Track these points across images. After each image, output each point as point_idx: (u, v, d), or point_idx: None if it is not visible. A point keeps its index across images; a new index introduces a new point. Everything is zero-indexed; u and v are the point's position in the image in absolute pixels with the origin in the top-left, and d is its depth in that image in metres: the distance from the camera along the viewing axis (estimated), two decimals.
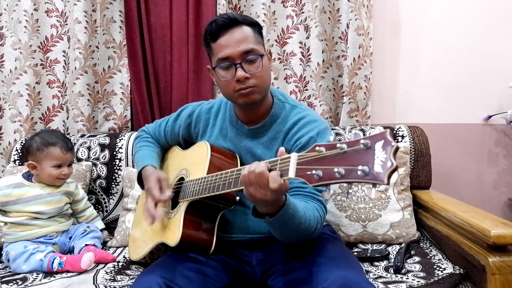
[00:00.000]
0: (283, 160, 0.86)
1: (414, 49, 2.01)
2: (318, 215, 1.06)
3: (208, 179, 1.10)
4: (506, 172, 2.03)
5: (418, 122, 1.90)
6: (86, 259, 1.35)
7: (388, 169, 0.66)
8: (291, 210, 0.96)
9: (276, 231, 1.03)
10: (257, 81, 1.12)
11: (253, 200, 0.92)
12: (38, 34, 1.98)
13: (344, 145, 0.73)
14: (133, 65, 1.97)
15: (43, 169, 1.47)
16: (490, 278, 1.12)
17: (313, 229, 1.05)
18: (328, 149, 0.76)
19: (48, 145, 1.47)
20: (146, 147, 1.41)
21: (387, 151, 0.67)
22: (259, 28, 1.17)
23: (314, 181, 0.76)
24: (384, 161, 0.67)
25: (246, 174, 0.89)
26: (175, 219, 1.17)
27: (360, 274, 1.02)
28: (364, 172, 0.68)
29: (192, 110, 1.35)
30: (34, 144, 1.48)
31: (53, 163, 1.47)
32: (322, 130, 1.17)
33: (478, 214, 1.32)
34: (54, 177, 1.49)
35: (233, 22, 1.11)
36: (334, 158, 0.74)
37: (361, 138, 0.71)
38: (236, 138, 1.24)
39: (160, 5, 1.98)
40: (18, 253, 1.38)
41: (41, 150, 1.46)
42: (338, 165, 0.73)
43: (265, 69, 1.13)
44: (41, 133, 1.54)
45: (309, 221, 1.02)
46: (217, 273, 1.15)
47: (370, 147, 0.70)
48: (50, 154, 1.47)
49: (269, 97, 1.21)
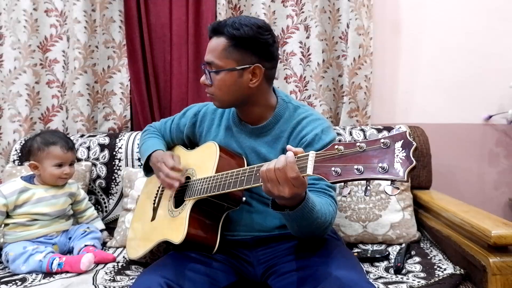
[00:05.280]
0: (300, 158, 0.88)
1: (414, 48, 2.01)
2: (332, 210, 1.09)
3: (218, 177, 1.11)
4: (506, 172, 2.03)
5: (418, 122, 1.89)
6: (86, 260, 1.34)
7: (408, 167, 0.70)
8: (310, 204, 0.97)
9: (293, 225, 1.04)
10: (213, 91, 1.18)
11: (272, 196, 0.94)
12: (37, 33, 1.97)
13: (363, 144, 0.77)
14: (133, 65, 1.97)
15: (44, 168, 1.47)
16: (490, 279, 1.12)
17: (328, 224, 1.07)
18: (347, 147, 0.79)
19: (48, 145, 1.47)
20: (154, 138, 1.44)
21: (406, 150, 0.72)
22: (242, 42, 1.12)
23: (333, 178, 0.79)
24: (403, 159, 0.71)
25: (264, 170, 0.91)
26: (180, 217, 1.18)
27: (360, 274, 1.02)
28: (384, 169, 0.72)
29: (198, 110, 1.38)
30: (35, 144, 1.48)
31: (54, 162, 1.47)
32: (326, 127, 1.19)
33: (479, 214, 1.32)
34: (56, 176, 1.49)
35: (215, 31, 1.16)
36: (353, 156, 0.78)
37: (381, 138, 0.75)
38: (241, 138, 1.26)
39: (160, 4, 1.97)
40: (17, 254, 1.37)
41: (42, 150, 1.47)
42: (358, 163, 0.76)
43: (220, 83, 1.15)
44: (42, 133, 1.55)
45: (325, 216, 1.04)
46: (219, 273, 1.15)
47: (390, 146, 0.73)
48: (51, 153, 1.47)
49: (265, 101, 1.22)
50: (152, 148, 1.35)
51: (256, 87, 1.16)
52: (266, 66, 1.16)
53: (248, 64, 1.14)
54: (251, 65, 1.14)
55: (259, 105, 1.21)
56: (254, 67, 1.14)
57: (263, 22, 1.17)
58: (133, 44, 1.96)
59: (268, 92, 1.23)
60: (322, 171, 0.82)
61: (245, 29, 1.11)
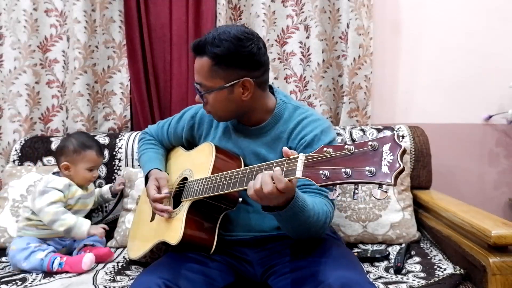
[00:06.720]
0: (290, 161, 0.87)
1: (414, 49, 2.01)
2: (327, 209, 1.08)
3: (213, 178, 1.11)
4: (506, 172, 2.03)
5: (418, 122, 1.89)
6: (87, 260, 1.35)
7: (395, 171, 0.68)
8: (300, 203, 0.97)
9: (287, 225, 1.04)
10: (210, 109, 1.19)
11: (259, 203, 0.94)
12: (37, 33, 1.97)
13: (351, 147, 0.75)
14: (133, 65, 1.97)
15: (77, 171, 1.48)
16: (490, 279, 1.12)
17: (322, 223, 1.06)
18: (336, 150, 0.78)
19: (85, 148, 1.49)
20: (150, 150, 1.44)
21: (394, 153, 0.70)
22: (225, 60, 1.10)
23: (321, 181, 0.78)
24: (391, 162, 0.69)
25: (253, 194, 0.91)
26: (177, 218, 1.18)
27: (360, 274, 1.02)
28: (371, 172, 0.71)
29: (196, 112, 1.36)
30: (70, 146, 1.48)
31: (88, 165, 1.49)
32: (326, 128, 1.18)
33: (479, 214, 1.32)
34: (88, 179, 1.52)
35: (196, 50, 1.14)
36: (342, 159, 0.76)
37: (369, 140, 0.73)
38: (240, 139, 1.25)
39: (160, 4, 1.97)
40: (18, 249, 1.38)
41: (78, 152, 1.48)
42: (346, 166, 0.75)
43: (214, 102, 1.15)
44: (76, 135, 1.56)
45: (318, 215, 1.03)
46: (218, 273, 1.15)
47: (378, 149, 0.72)
48: (87, 157, 1.49)
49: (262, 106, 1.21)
50: (147, 167, 1.35)
51: (249, 98, 1.15)
52: (255, 75, 1.14)
53: (236, 79, 1.12)
54: (240, 80, 1.12)
55: (257, 111, 1.21)
56: (243, 81, 1.12)
57: (243, 31, 1.12)
58: (133, 44, 1.96)
59: (264, 96, 1.21)
60: (311, 174, 0.81)
61: (226, 45, 1.09)
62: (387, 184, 0.69)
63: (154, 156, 1.40)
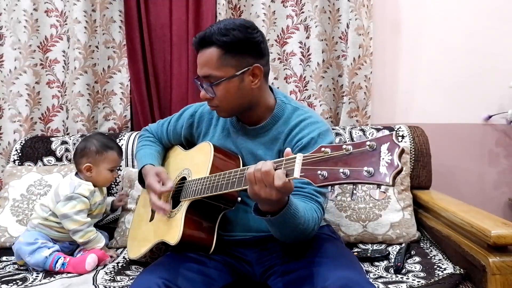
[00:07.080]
0: (288, 161, 0.86)
1: (414, 49, 2.01)
2: (316, 216, 1.07)
3: (211, 178, 1.10)
4: (506, 172, 2.03)
5: (418, 122, 1.89)
6: (91, 260, 1.36)
7: (393, 171, 0.68)
8: (293, 210, 0.96)
9: (275, 230, 1.04)
10: (218, 103, 1.16)
11: (257, 199, 0.93)
12: (37, 34, 1.97)
13: (349, 147, 0.74)
14: (133, 65, 1.97)
15: (99, 171, 1.48)
16: (490, 278, 1.12)
17: (310, 230, 1.06)
18: (334, 150, 0.77)
19: (107, 149, 1.49)
20: (147, 146, 1.43)
21: (392, 153, 0.69)
22: (235, 47, 1.11)
23: (319, 181, 0.77)
24: (389, 162, 0.68)
25: (252, 172, 0.90)
26: (176, 218, 1.17)
27: (360, 274, 1.02)
28: (369, 173, 0.70)
29: (195, 110, 1.36)
30: (92, 147, 1.47)
31: (110, 166, 1.49)
32: (324, 131, 1.17)
33: (479, 214, 1.32)
34: (109, 180, 1.52)
35: (202, 43, 1.13)
36: (340, 159, 0.75)
37: (367, 140, 0.72)
38: (238, 139, 1.25)
39: (160, 4, 1.97)
40: (26, 242, 1.38)
41: (100, 153, 1.47)
42: (344, 166, 0.74)
43: (224, 93, 1.13)
44: (96, 136, 1.54)
45: (308, 222, 1.03)
46: (217, 273, 1.15)
47: (376, 148, 0.71)
48: (109, 158, 1.49)
49: (265, 101, 1.21)
50: (141, 163, 1.35)
51: (258, 87, 1.16)
52: (262, 63, 1.15)
53: (246, 66, 1.13)
54: (250, 67, 1.13)
55: (260, 106, 1.21)
56: (253, 67, 1.13)
57: (247, 21, 1.15)
58: (133, 44, 1.96)
59: (267, 90, 1.22)
60: (309, 175, 0.80)
61: (234, 33, 1.10)
62: (385, 184, 0.68)
63: (150, 152, 1.40)
